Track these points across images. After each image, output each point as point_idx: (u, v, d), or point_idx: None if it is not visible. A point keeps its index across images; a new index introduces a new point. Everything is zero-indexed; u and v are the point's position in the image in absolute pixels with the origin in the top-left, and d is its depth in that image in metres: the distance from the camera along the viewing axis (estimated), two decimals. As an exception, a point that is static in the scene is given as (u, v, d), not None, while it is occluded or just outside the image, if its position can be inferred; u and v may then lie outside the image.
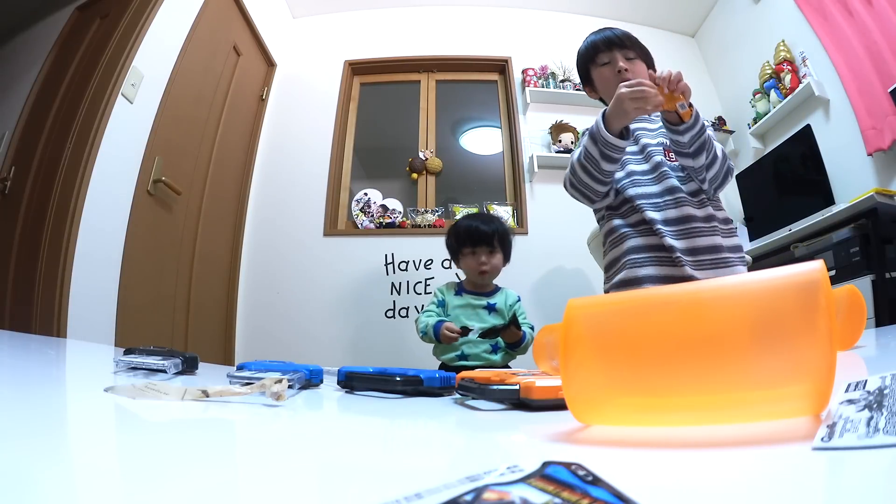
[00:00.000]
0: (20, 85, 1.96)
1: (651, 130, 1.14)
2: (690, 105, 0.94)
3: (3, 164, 1.79)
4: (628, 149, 1.08)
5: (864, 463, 0.18)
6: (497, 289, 1.70)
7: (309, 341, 2.48)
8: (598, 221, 1.20)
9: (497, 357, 1.59)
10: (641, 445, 0.24)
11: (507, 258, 1.70)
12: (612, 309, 0.29)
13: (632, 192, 1.08)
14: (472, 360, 1.58)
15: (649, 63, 1.15)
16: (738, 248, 1.07)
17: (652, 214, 1.04)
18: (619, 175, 1.10)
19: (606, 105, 1.07)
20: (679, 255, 1.00)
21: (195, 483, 0.18)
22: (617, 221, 1.10)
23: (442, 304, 1.67)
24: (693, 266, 1.00)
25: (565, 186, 1.12)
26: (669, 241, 1.01)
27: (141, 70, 1.84)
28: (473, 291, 1.68)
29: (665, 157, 1.08)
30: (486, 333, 1.48)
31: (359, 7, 3.20)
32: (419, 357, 1.99)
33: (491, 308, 1.64)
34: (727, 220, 1.08)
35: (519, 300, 1.68)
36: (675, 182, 1.05)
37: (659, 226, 1.03)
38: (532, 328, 1.61)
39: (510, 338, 1.53)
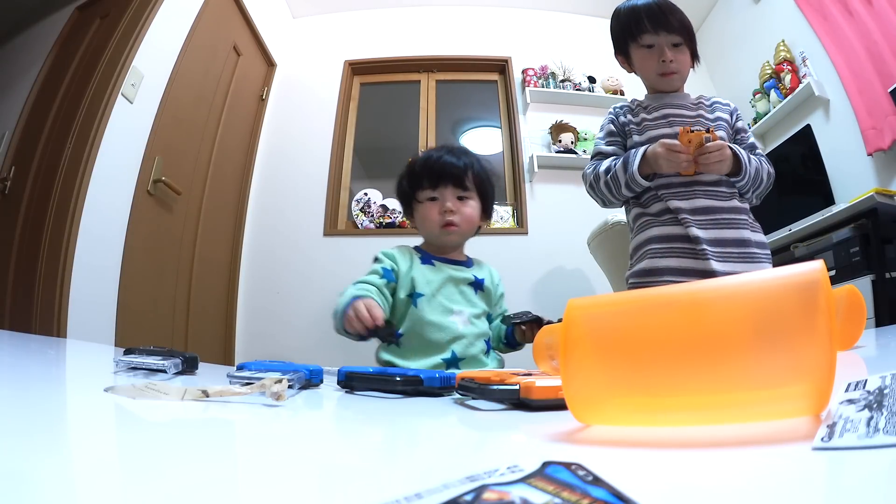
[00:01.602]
0: (20, 85, 1.96)
1: (689, 117, 1.09)
2: (737, 159, 0.99)
3: (3, 164, 1.79)
4: (659, 131, 1.07)
5: (864, 463, 0.18)
6: (472, 260, 1.14)
7: (309, 341, 2.48)
8: (624, 206, 1.17)
9: (490, 362, 1.05)
10: (641, 445, 0.24)
11: (487, 212, 1.12)
12: (612, 309, 0.29)
13: (659, 180, 1.05)
14: (464, 367, 1.01)
15: (693, 49, 1.10)
16: (764, 245, 1.04)
17: (677, 203, 1.01)
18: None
19: (638, 75, 1.12)
20: (704, 246, 0.97)
21: (195, 483, 0.18)
22: (639, 210, 1.09)
23: (390, 274, 1.03)
24: (718, 258, 0.97)
25: (584, 180, 1.13)
26: (695, 231, 0.98)
27: (141, 70, 1.84)
28: (445, 258, 1.09)
29: None
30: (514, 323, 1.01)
31: (359, 7, 3.20)
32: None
33: (478, 286, 1.08)
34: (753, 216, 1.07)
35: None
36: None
37: (685, 215, 1.00)
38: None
39: (528, 337, 1.02)
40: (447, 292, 1.04)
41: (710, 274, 0.94)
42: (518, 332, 1.02)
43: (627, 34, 1.09)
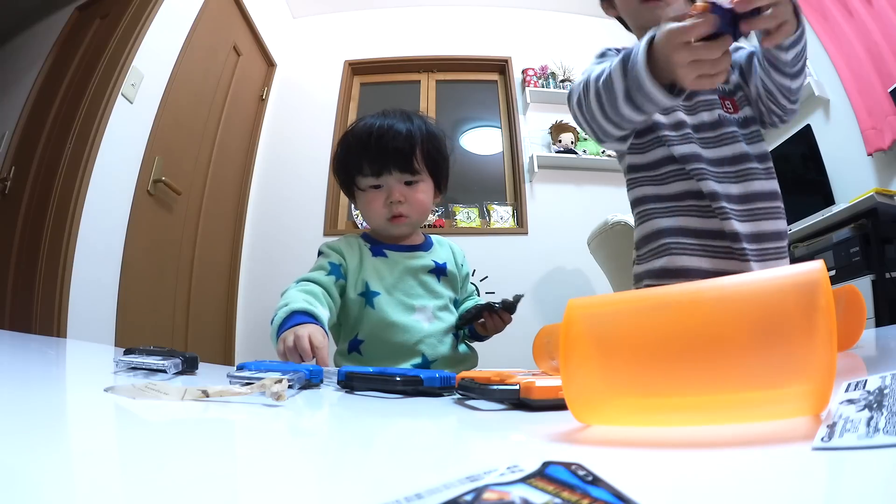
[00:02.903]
0: (20, 85, 1.96)
1: None
2: (796, 9, 0.63)
3: (3, 164, 1.80)
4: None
5: (864, 463, 0.18)
6: (430, 241, 0.98)
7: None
8: (626, 177, 0.90)
9: (464, 358, 0.93)
10: (641, 445, 0.24)
11: (440, 186, 0.96)
12: (612, 309, 0.29)
13: (684, 149, 0.80)
14: (437, 368, 0.86)
15: None
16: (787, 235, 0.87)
17: (714, 187, 0.78)
18: (660, 119, 0.82)
19: (627, 28, 0.85)
20: (744, 245, 0.77)
21: (195, 483, 0.18)
22: (650, 190, 0.83)
23: (338, 271, 0.88)
24: (757, 257, 0.78)
25: (569, 100, 0.83)
26: (735, 225, 0.77)
27: (141, 70, 1.84)
28: (399, 245, 0.94)
29: (723, 109, 0.83)
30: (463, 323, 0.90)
31: (359, 7, 3.20)
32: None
33: (440, 272, 0.93)
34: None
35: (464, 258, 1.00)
36: (744, 147, 0.81)
37: (723, 203, 0.78)
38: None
39: (489, 328, 0.89)
40: (405, 286, 0.89)
41: None
42: (479, 328, 0.91)
43: None
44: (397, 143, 0.87)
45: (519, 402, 0.37)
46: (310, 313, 0.75)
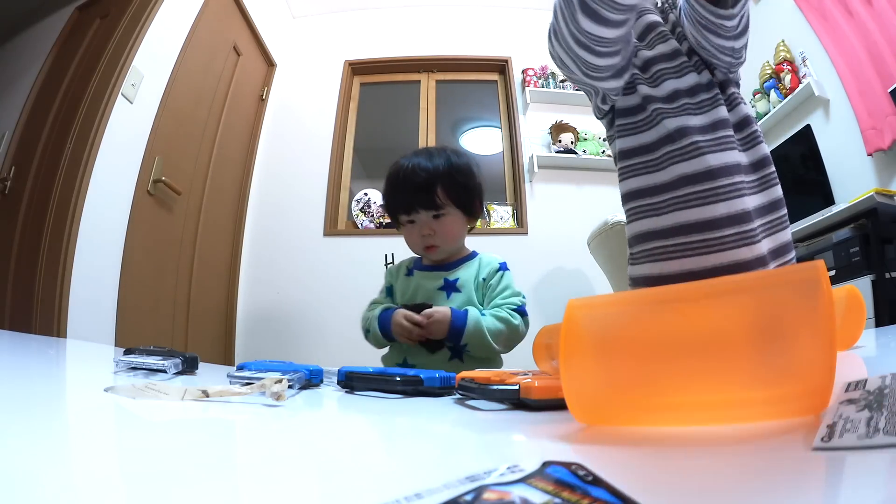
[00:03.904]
0: (20, 85, 1.96)
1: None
2: None
3: (3, 164, 1.79)
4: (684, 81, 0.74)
5: (864, 463, 0.18)
6: (467, 258, 1.09)
7: (309, 341, 2.48)
8: (617, 166, 0.82)
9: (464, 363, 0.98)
10: (641, 445, 0.24)
11: (471, 213, 1.05)
12: (612, 309, 0.29)
13: (678, 122, 0.74)
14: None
15: None
16: None
17: (720, 160, 0.72)
18: (651, 92, 0.76)
19: None
20: (755, 223, 0.73)
21: (195, 483, 0.18)
22: (644, 181, 0.77)
23: (389, 291, 1.10)
24: (767, 231, 0.75)
25: (548, 41, 0.74)
26: (747, 202, 0.72)
27: (141, 70, 1.84)
28: (430, 266, 1.08)
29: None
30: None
31: (359, 7, 3.20)
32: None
33: (450, 287, 1.03)
34: None
35: (504, 269, 1.07)
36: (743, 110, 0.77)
37: (737, 178, 0.72)
38: (519, 309, 1.00)
39: (435, 330, 0.93)
40: (417, 300, 1.02)
41: None
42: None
43: None
44: (419, 182, 0.98)
45: (519, 402, 0.37)
46: (387, 308, 1.00)
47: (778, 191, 0.78)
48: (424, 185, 0.98)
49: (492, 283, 1.04)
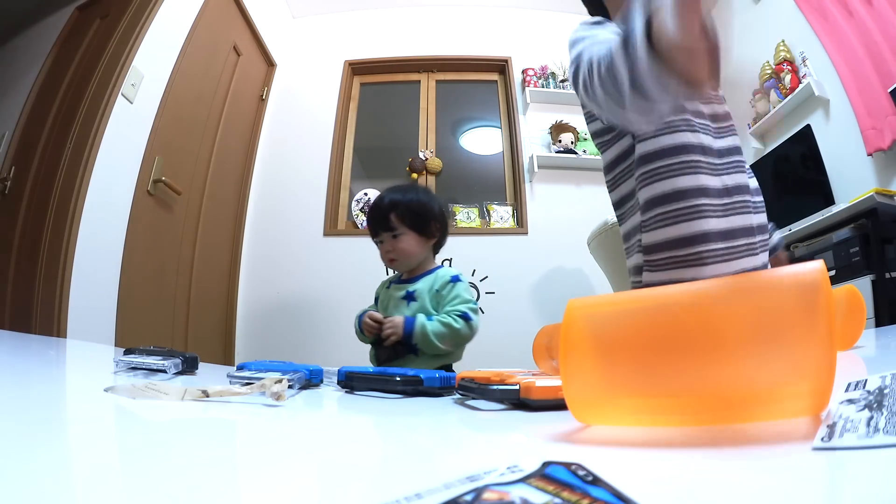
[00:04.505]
0: (20, 85, 1.96)
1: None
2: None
3: (3, 164, 1.80)
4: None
5: (864, 463, 0.18)
6: (428, 272, 1.30)
7: (309, 341, 2.48)
8: (638, 171, 0.80)
9: (422, 361, 1.19)
10: (641, 445, 0.24)
11: (426, 233, 1.28)
12: (612, 309, 0.29)
13: (725, 142, 0.79)
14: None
15: None
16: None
17: (744, 179, 0.78)
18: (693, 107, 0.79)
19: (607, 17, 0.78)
20: (757, 237, 0.77)
21: (195, 483, 0.18)
22: (694, 180, 0.75)
23: (376, 302, 1.37)
24: (763, 250, 0.80)
25: (574, 84, 0.74)
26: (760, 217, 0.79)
27: (141, 70, 1.84)
28: (400, 281, 1.33)
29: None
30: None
31: (359, 7, 3.20)
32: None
33: (410, 297, 1.26)
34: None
35: (456, 280, 1.26)
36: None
37: (748, 196, 0.78)
38: (463, 315, 1.19)
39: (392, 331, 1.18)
40: (391, 310, 1.28)
41: None
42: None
43: None
44: (379, 212, 1.27)
45: (519, 402, 0.37)
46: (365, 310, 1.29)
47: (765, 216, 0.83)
48: (382, 213, 1.26)
49: (443, 293, 1.24)
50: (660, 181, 0.77)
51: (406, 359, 1.20)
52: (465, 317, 1.19)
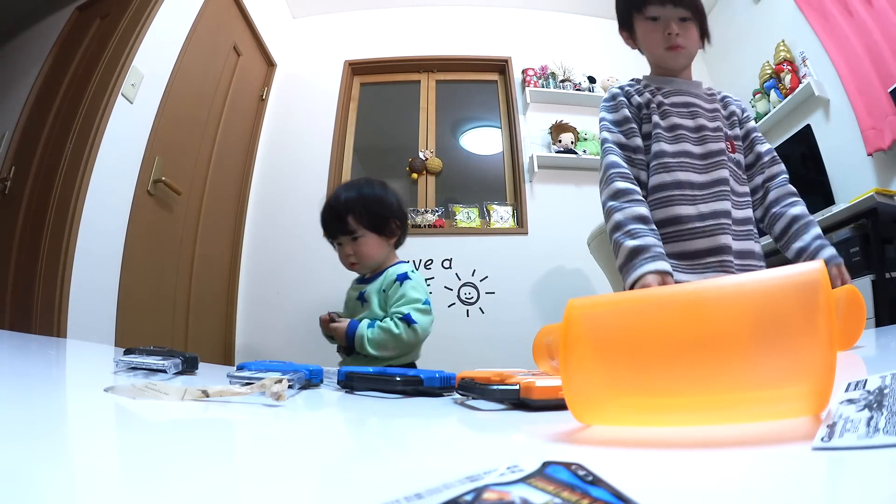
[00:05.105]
0: (20, 85, 1.96)
1: (707, 109, 1.02)
2: None
3: (3, 164, 1.79)
4: (682, 121, 0.98)
5: (864, 463, 0.18)
6: (381, 272, 1.27)
7: (309, 341, 2.47)
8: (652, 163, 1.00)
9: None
10: (641, 445, 0.24)
11: (386, 233, 1.24)
12: (612, 309, 0.29)
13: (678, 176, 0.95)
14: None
15: (702, 26, 1.00)
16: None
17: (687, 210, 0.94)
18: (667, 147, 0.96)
19: (641, 52, 1.02)
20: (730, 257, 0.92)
21: (195, 483, 0.18)
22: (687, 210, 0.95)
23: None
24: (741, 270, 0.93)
25: (602, 195, 0.99)
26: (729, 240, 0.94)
27: (141, 70, 1.84)
28: (358, 280, 1.33)
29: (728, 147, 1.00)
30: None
31: (359, 7, 3.20)
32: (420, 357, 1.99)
33: (362, 298, 1.25)
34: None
35: (403, 279, 1.20)
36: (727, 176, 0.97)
37: (695, 223, 0.94)
38: (405, 319, 1.15)
39: (338, 336, 1.21)
40: (350, 311, 1.29)
41: None
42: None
43: (632, 5, 1.01)
44: (335, 213, 1.22)
45: (519, 402, 0.37)
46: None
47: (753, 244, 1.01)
48: (338, 216, 1.21)
49: (389, 293, 1.20)
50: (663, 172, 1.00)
51: (355, 357, 1.20)
52: (406, 319, 1.14)
